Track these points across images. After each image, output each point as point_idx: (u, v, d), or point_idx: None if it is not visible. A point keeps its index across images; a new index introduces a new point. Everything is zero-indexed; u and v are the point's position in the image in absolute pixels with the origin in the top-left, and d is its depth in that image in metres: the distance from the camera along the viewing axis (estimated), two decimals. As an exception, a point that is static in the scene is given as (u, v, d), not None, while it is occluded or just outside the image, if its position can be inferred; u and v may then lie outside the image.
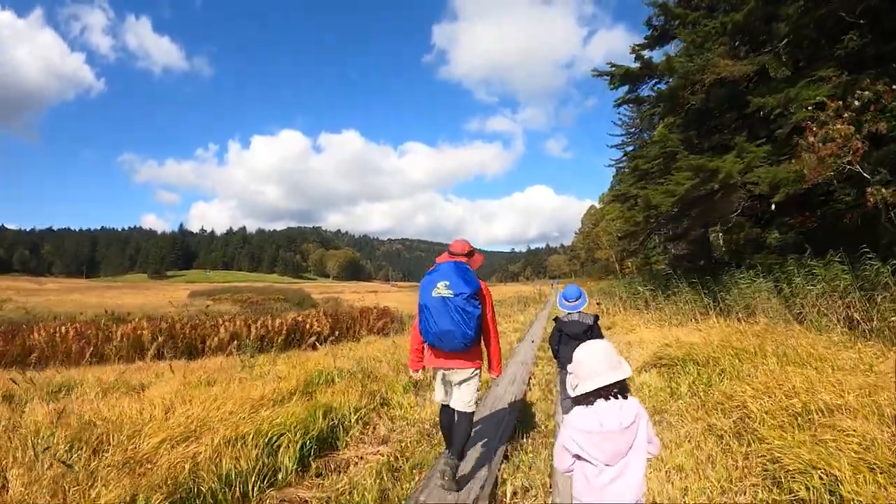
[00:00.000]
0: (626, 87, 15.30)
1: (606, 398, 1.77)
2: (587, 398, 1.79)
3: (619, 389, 1.79)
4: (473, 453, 3.83)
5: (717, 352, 5.30)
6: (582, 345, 1.89)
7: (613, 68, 14.15)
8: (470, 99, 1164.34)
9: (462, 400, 3.30)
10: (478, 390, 3.39)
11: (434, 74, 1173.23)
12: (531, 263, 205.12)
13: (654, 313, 10.41)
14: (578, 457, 1.78)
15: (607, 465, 1.73)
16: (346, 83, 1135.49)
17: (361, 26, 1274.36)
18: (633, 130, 41.75)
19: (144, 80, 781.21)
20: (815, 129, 10.04)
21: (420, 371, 3.52)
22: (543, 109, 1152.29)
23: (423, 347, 3.42)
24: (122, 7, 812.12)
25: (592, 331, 3.98)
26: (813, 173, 9.56)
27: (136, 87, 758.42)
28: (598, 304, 18.06)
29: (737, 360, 4.92)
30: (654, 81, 15.23)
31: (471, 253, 3.46)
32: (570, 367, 1.91)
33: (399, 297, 69.04)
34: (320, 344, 10.49)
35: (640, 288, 11.60)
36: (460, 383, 3.30)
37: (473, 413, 3.37)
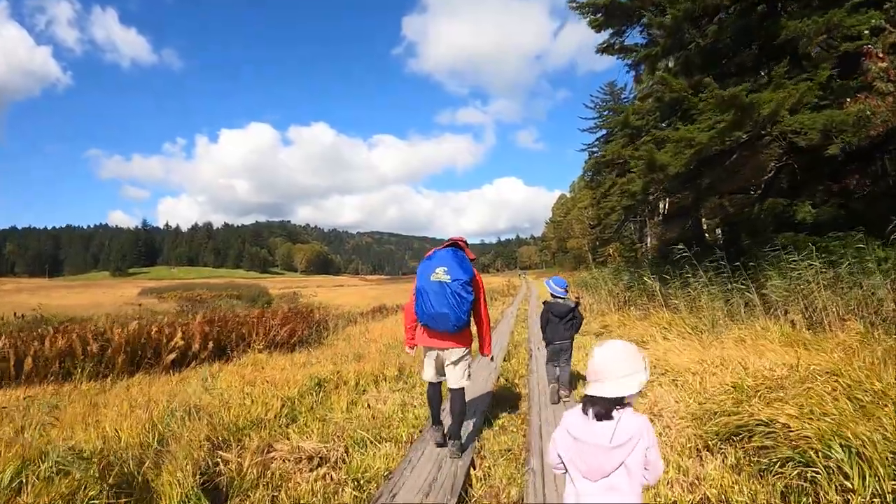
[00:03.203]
0: (610, 31, 12.45)
1: (598, 417, 1.55)
2: (586, 402, 1.61)
3: (605, 410, 1.54)
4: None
5: (877, 415, 2.30)
6: (605, 344, 1.66)
7: (597, -1, 11.18)
8: (440, 91, 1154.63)
9: (456, 377, 3.55)
10: (469, 366, 3.64)
11: (404, 67, 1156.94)
12: (501, 255, 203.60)
13: (672, 314, 7.32)
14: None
15: (585, 478, 1.54)
16: (315, 75, 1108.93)
17: (331, 18, 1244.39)
18: (606, 112, 39.50)
19: (112, 73, 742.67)
20: (881, 54, 7.36)
21: (413, 349, 3.78)
22: (514, 101, 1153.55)
23: (415, 326, 3.65)
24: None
25: (573, 312, 4.90)
26: (890, 115, 6.86)
27: (103, 80, 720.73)
28: (577, 298, 15.19)
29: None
30: (642, 29, 12.50)
31: (466, 244, 3.70)
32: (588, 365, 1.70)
33: (363, 292, 65.33)
34: (185, 364, 7.24)
35: (646, 279, 8.49)
36: (455, 363, 3.54)
37: (464, 389, 3.59)
